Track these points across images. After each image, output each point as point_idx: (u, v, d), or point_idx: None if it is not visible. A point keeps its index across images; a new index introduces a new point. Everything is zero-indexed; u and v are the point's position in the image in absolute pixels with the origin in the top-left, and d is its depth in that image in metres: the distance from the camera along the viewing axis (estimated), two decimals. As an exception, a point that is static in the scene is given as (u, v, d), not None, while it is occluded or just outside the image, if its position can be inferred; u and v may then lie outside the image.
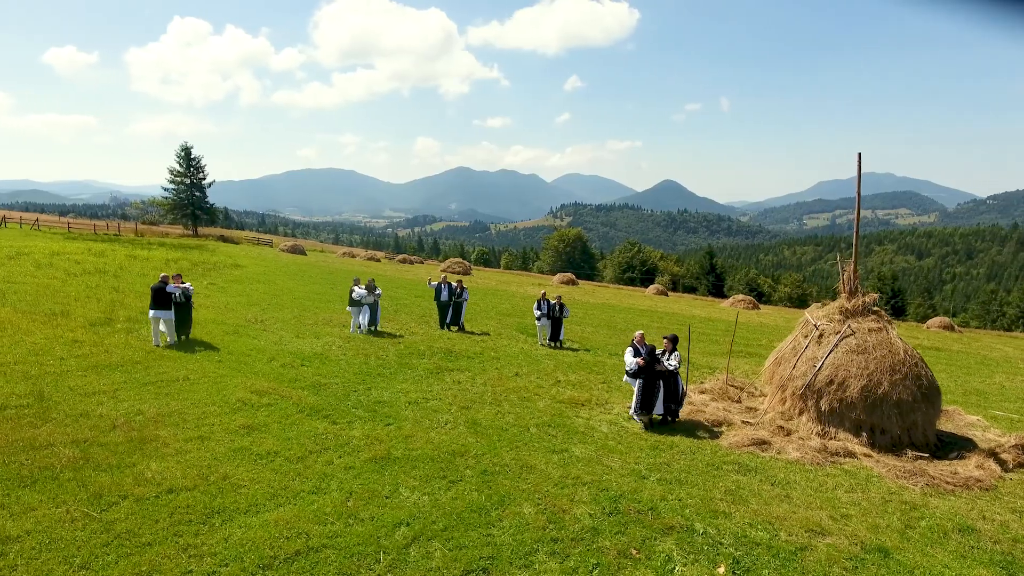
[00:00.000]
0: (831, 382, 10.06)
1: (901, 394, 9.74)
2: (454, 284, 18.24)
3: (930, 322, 44.26)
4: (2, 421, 7.80)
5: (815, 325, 10.82)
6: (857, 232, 10.79)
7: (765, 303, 75.14)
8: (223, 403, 9.39)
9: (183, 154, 55.18)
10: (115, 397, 9.14)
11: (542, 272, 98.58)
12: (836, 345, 10.29)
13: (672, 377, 10.31)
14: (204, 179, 56.31)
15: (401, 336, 16.44)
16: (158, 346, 12.36)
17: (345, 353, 13.68)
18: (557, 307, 16.66)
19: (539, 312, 16.64)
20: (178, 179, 55.30)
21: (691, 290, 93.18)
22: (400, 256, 65.71)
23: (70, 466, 6.77)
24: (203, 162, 56.13)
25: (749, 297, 46.86)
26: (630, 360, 10.21)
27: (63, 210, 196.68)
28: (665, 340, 10.55)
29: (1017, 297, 78.44)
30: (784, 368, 10.93)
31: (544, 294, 17.08)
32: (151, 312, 12.38)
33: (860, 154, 10.36)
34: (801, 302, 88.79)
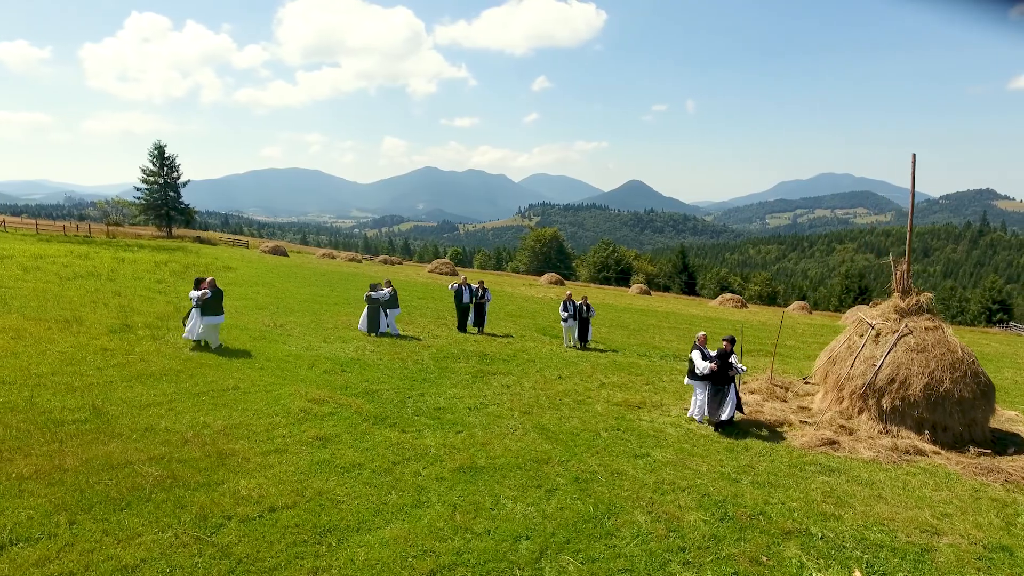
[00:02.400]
0: (892, 381, 10.14)
1: (962, 392, 9.88)
2: (475, 286, 17.92)
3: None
4: (66, 438, 7.25)
5: (870, 324, 10.90)
6: (910, 231, 10.91)
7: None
8: (285, 413, 8.96)
9: (156, 153, 53.10)
10: (173, 409, 8.62)
11: (517, 272, 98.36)
12: (895, 344, 10.37)
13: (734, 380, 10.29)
14: (179, 179, 54.45)
15: (423, 339, 16.08)
16: (216, 347, 12.18)
17: (381, 358, 13.27)
18: (584, 308, 16.50)
19: (566, 313, 16.45)
20: (151, 179, 53.28)
21: (665, 289, 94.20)
22: (381, 257, 64.80)
23: (159, 485, 6.31)
24: (177, 161, 54.29)
25: (737, 296, 47.48)
26: (702, 364, 10.10)
27: (15, 210, 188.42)
28: (724, 343, 10.51)
29: (978, 294, 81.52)
30: (839, 367, 10.99)
31: (570, 295, 16.90)
32: (205, 319, 12.14)
33: (914, 155, 10.48)
34: (771, 300, 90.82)
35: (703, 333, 10.63)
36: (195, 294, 12.24)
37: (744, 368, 10.09)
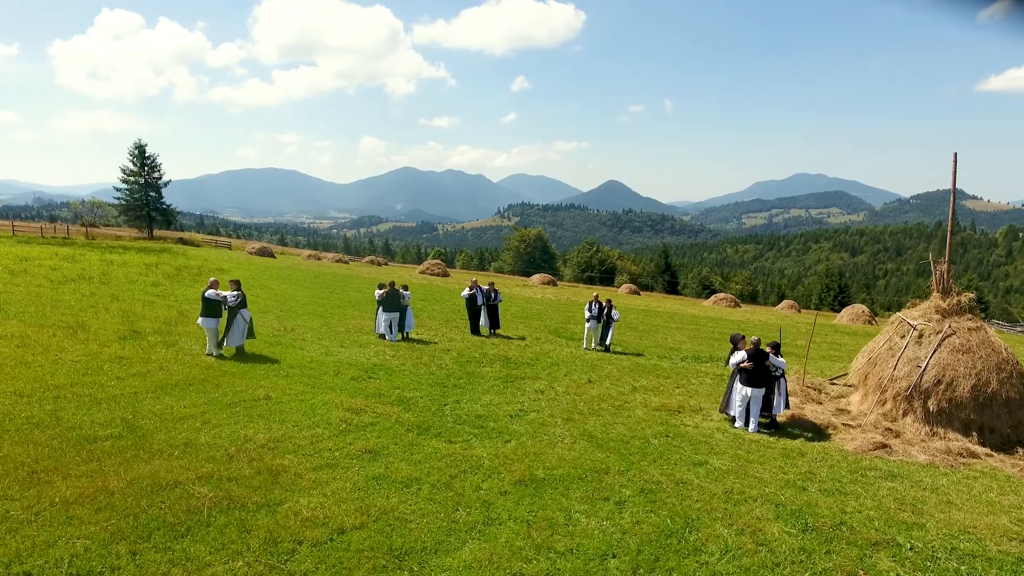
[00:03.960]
0: (939, 382, 10.02)
1: (1009, 392, 9.79)
2: (486, 288, 17.54)
3: (894, 317, 45.89)
4: (103, 456, 6.72)
5: (912, 325, 10.77)
6: (951, 231, 10.82)
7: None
8: (326, 424, 8.50)
9: (137, 152, 51.36)
10: (208, 422, 8.11)
11: (502, 272, 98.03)
12: (939, 345, 10.25)
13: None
14: (160, 179, 52.93)
15: (439, 342, 15.66)
16: (209, 355, 11.39)
17: (404, 363, 12.84)
18: (608, 310, 16.21)
19: (589, 314, 16.17)
20: (132, 179, 51.69)
21: (648, 288, 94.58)
22: (368, 258, 63.96)
23: (217, 507, 5.84)
24: (158, 160, 52.83)
25: (730, 296, 47.61)
26: (782, 362, 10.01)
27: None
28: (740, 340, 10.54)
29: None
30: (880, 369, 10.85)
31: (596, 296, 16.61)
32: (198, 320, 11.46)
33: (956, 154, 10.37)
34: (752, 298, 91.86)
35: (756, 337, 10.39)
36: (228, 295, 11.81)
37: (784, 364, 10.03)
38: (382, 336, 15.25)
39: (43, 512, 5.47)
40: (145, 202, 52.09)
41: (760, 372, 9.96)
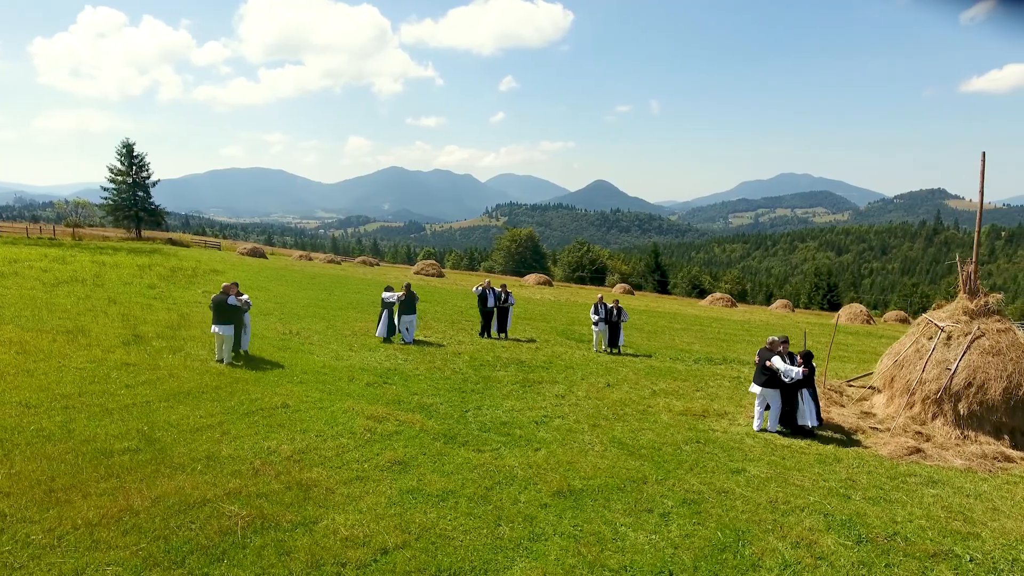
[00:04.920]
0: (969, 385, 9.86)
1: (1041, 395, 9.62)
2: (498, 289, 17.23)
3: (887, 316, 46.18)
4: (122, 471, 6.34)
5: (940, 327, 10.61)
6: (979, 231, 10.67)
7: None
8: (350, 434, 8.16)
9: (124, 151, 50.35)
10: (227, 433, 7.74)
11: (492, 272, 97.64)
12: (969, 347, 10.09)
13: (811, 385, 9.93)
14: (148, 178, 51.93)
15: (447, 345, 15.33)
16: (220, 361, 10.96)
17: (417, 368, 12.50)
18: (615, 312, 15.95)
19: (596, 317, 15.90)
20: (119, 178, 50.69)
21: (638, 288, 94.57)
22: (360, 258, 63.32)
23: (251, 527, 5.50)
24: (147, 159, 51.79)
25: (727, 296, 47.57)
26: (794, 370, 9.66)
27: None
28: (773, 342, 10.27)
29: (943, 291, 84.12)
30: (907, 371, 10.68)
31: (601, 298, 16.34)
32: (212, 327, 11.02)
33: (984, 153, 10.22)
34: (741, 297, 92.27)
35: (774, 337, 10.18)
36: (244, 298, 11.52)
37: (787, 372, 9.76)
38: (386, 340, 14.89)
39: (66, 536, 5.10)
40: (133, 202, 51.09)
41: (763, 370, 9.84)
